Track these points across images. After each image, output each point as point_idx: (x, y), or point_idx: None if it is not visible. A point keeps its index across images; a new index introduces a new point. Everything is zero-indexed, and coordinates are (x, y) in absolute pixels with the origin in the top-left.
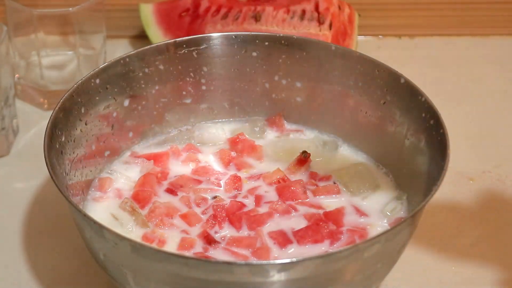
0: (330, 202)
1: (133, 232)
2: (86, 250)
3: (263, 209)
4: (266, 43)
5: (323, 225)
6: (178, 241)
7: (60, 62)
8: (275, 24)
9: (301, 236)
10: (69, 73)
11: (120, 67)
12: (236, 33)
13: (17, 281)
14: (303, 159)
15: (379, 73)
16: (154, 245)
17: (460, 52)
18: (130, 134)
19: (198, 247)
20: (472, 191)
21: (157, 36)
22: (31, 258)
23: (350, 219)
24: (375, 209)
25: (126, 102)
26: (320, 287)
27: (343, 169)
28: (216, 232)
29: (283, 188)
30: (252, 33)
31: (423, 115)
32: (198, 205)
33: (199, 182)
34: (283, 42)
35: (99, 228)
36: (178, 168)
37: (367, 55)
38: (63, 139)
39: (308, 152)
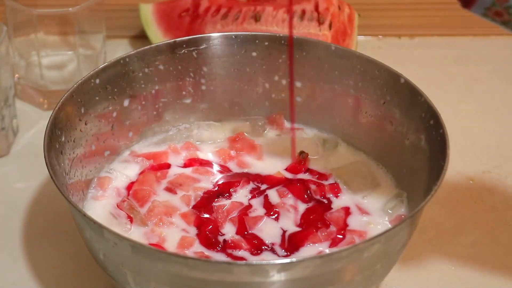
0: (330, 201)
1: (132, 231)
2: (86, 250)
3: (263, 209)
4: (266, 43)
5: (323, 225)
6: (177, 239)
7: (60, 62)
8: (275, 24)
9: (301, 236)
10: (69, 73)
11: (120, 67)
12: (236, 33)
13: (17, 281)
14: (302, 159)
15: (379, 73)
16: (153, 245)
17: (460, 52)
18: (130, 134)
19: (198, 246)
20: (472, 191)
21: (157, 36)
22: (31, 258)
23: (351, 218)
24: (376, 207)
25: (126, 102)
26: (320, 287)
27: (343, 167)
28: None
29: (283, 188)
30: (252, 33)
31: (423, 115)
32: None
33: (198, 180)
34: (283, 42)
35: (99, 228)
36: (178, 166)
37: (367, 55)
38: (62, 139)
39: (306, 152)
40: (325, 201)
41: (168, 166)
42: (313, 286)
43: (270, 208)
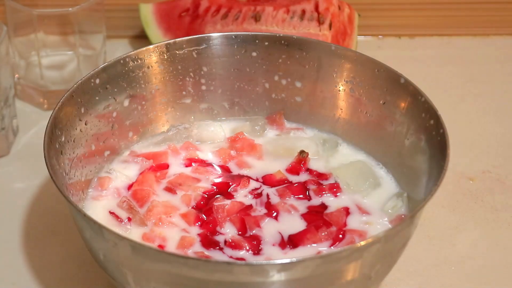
0: (331, 201)
1: (131, 231)
2: (86, 250)
3: (263, 209)
4: (266, 43)
5: (323, 225)
6: (177, 239)
7: (60, 62)
8: (275, 24)
9: (301, 236)
10: (69, 73)
11: (120, 67)
12: (236, 33)
13: (17, 281)
14: (302, 158)
15: (379, 73)
16: (153, 245)
17: (460, 52)
18: (130, 134)
19: (198, 246)
20: (472, 191)
21: (157, 36)
22: (31, 258)
23: (351, 218)
24: (376, 207)
25: (126, 102)
26: (320, 287)
27: (343, 167)
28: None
29: (284, 188)
30: (252, 33)
31: (423, 115)
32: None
33: (198, 180)
34: (283, 42)
35: (99, 228)
36: (177, 166)
37: (367, 55)
38: (62, 139)
39: (306, 151)
40: (325, 201)
41: (167, 166)
42: (313, 286)
43: (270, 208)
